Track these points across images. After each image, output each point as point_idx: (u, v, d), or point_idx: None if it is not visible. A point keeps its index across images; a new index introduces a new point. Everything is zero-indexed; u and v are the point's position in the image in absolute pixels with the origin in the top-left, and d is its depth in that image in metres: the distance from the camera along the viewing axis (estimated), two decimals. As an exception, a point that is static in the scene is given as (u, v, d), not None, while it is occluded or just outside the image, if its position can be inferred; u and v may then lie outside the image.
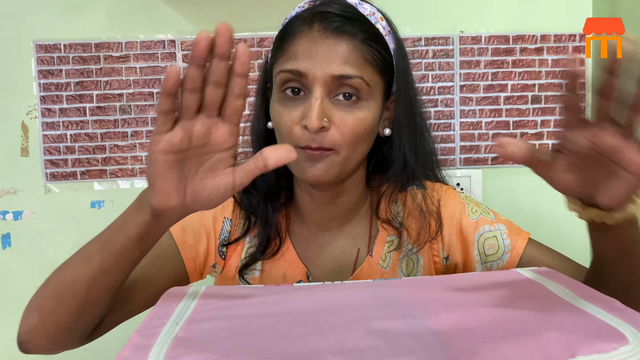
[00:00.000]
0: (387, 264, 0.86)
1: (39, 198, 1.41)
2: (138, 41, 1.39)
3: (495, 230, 0.84)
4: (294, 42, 0.75)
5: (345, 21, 0.75)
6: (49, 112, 1.39)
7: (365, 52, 0.75)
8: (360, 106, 0.76)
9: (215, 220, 0.85)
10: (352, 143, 0.76)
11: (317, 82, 0.73)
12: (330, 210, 0.86)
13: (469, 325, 0.48)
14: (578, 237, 1.49)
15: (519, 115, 1.46)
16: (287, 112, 0.75)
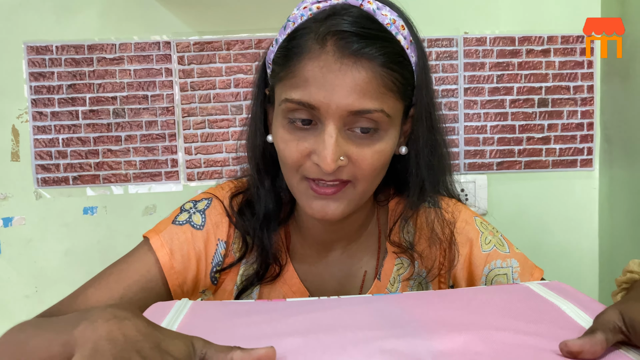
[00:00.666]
0: (396, 289, 0.80)
1: (29, 204, 1.37)
2: (132, 43, 1.35)
3: (507, 267, 0.78)
4: (302, 65, 0.65)
5: (364, 41, 0.64)
6: (40, 115, 1.35)
7: (386, 78, 0.65)
8: (379, 137, 0.67)
9: (208, 243, 0.76)
10: (370, 176, 0.68)
11: (330, 116, 0.64)
12: (336, 231, 0.79)
13: (475, 349, 0.43)
14: (585, 244, 1.46)
15: (525, 119, 1.42)
16: (294, 143, 0.66)
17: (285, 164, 0.69)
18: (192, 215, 0.77)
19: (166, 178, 1.38)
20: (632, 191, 1.30)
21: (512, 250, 0.80)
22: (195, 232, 0.75)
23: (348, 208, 0.69)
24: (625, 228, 1.33)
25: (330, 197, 0.67)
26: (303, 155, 0.66)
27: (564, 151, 1.43)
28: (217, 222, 0.77)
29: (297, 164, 0.67)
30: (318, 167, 0.65)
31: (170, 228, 0.75)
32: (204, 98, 1.37)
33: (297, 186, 0.70)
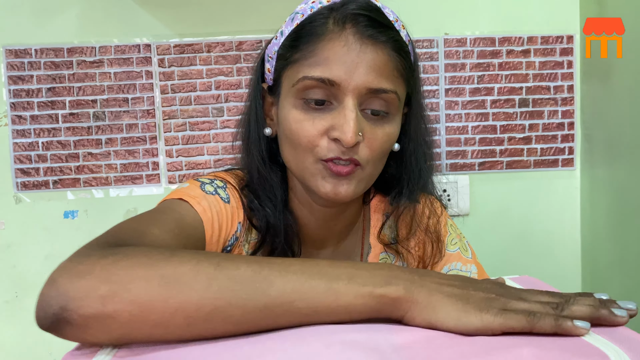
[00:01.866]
0: None
1: (9, 208, 1.36)
2: (112, 45, 1.35)
3: (466, 271, 0.80)
4: (322, 45, 0.67)
5: (379, 27, 0.67)
6: (19, 119, 1.34)
7: (398, 63, 0.68)
8: (388, 120, 0.70)
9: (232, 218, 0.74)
10: (377, 158, 0.70)
11: (350, 92, 0.66)
12: (329, 228, 0.80)
13: (437, 341, 0.43)
14: (568, 243, 1.46)
15: (506, 119, 1.42)
16: (309, 122, 0.67)
17: (299, 145, 0.69)
18: (217, 189, 0.75)
19: (147, 181, 1.37)
20: (612, 190, 1.30)
21: (474, 258, 0.83)
22: (225, 205, 0.74)
23: (358, 189, 0.70)
24: (606, 226, 1.34)
25: (344, 177, 0.68)
26: (319, 133, 0.67)
27: (545, 151, 1.44)
28: (236, 204, 0.76)
29: (313, 143, 0.68)
30: (336, 143, 0.67)
31: (205, 196, 0.72)
32: (185, 100, 1.37)
33: (311, 168, 0.69)
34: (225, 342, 0.45)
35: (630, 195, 1.22)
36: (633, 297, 1.21)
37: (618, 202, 1.28)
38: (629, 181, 1.23)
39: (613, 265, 1.31)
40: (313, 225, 0.79)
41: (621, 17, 1.22)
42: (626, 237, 1.24)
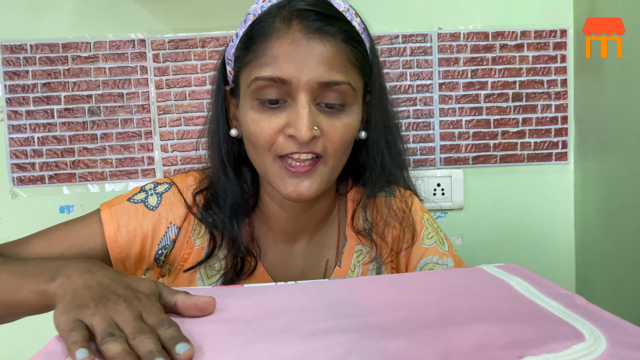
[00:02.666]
0: (357, 274, 0.81)
1: (5, 203, 1.36)
2: (107, 41, 1.35)
3: (442, 264, 0.81)
4: (270, 44, 0.68)
5: (326, 20, 0.68)
6: (15, 114, 1.34)
7: (349, 53, 0.69)
8: (346, 111, 0.70)
9: (158, 224, 0.77)
10: (339, 150, 0.71)
11: (301, 88, 0.67)
12: (301, 221, 0.81)
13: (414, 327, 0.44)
14: (561, 237, 1.47)
15: (500, 113, 1.43)
16: (265, 121, 0.68)
17: (257, 145, 0.70)
18: (149, 196, 0.78)
19: (143, 176, 1.38)
20: (604, 183, 1.31)
21: (450, 251, 0.83)
22: (146, 212, 0.76)
23: (321, 185, 0.71)
24: (599, 219, 1.35)
25: (304, 175, 0.69)
26: (275, 132, 0.68)
27: (538, 145, 1.44)
28: (172, 206, 0.78)
29: (270, 141, 0.69)
30: (292, 140, 0.68)
31: (124, 204, 0.76)
32: (180, 95, 1.37)
33: (271, 167, 0.71)
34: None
35: (622, 188, 1.23)
36: (625, 288, 1.22)
37: (610, 195, 1.29)
38: (620, 174, 1.23)
39: (605, 258, 1.32)
40: (284, 219, 0.80)
41: (615, 11, 1.22)
42: (617, 229, 1.25)
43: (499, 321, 0.43)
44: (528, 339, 0.38)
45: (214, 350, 0.42)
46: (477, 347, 0.38)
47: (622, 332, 0.40)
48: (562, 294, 0.50)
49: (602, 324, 0.42)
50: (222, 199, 0.78)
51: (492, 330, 0.40)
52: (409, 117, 1.41)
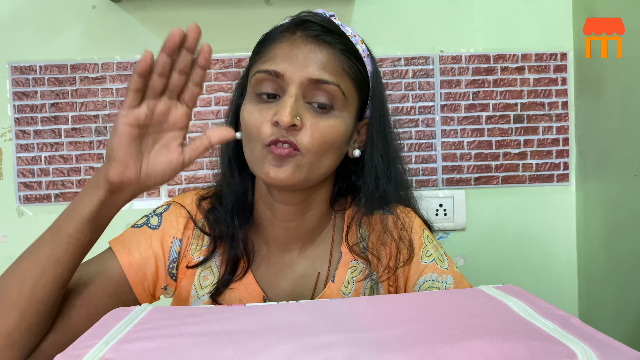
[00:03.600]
0: (350, 290, 0.83)
1: (12, 221, 1.38)
2: (114, 62, 1.38)
3: (441, 282, 0.82)
4: (273, 46, 0.76)
5: (327, 31, 0.75)
6: (23, 134, 1.37)
7: (344, 62, 0.75)
8: (333, 114, 0.75)
9: (163, 241, 0.81)
10: (320, 149, 0.74)
11: (293, 82, 0.72)
12: (292, 229, 0.83)
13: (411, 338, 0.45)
14: (563, 258, 1.47)
15: (502, 134, 1.44)
16: (258, 113, 0.74)
17: (250, 134, 0.74)
18: (150, 218, 0.83)
19: (147, 195, 1.40)
20: (606, 204, 1.32)
21: (450, 268, 0.84)
22: (151, 232, 0.81)
23: (297, 174, 0.74)
24: (601, 240, 1.35)
25: (283, 161, 0.72)
26: (265, 121, 0.73)
27: (540, 166, 1.45)
28: (172, 221, 0.83)
29: (259, 130, 0.73)
30: (276, 127, 0.72)
31: (129, 231, 0.81)
32: (221, 93, 1.40)
33: (259, 155, 0.74)
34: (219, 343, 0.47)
35: (623, 209, 1.23)
36: (628, 309, 1.22)
37: (612, 216, 1.29)
38: (621, 195, 1.24)
39: (608, 279, 1.32)
40: (276, 226, 0.83)
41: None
42: (620, 250, 1.25)
43: (494, 340, 0.43)
44: (521, 357, 0.39)
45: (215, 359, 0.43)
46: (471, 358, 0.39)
47: (614, 353, 0.41)
48: (558, 315, 0.50)
49: (596, 345, 0.42)
50: (226, 197, 0.83)
51: (487, 349, 0.41)
52: (411, 137, 1.43)
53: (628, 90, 1.20)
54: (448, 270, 0.83)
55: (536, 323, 0.48)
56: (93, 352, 0.47)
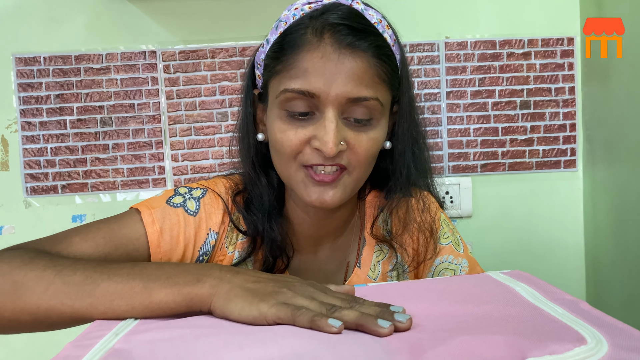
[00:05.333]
0: (377, 275, 0.82)
1: (19, 213, 1.39)
2: (119, 52, 1.38)
3: (457, 264, 0.82)
4: (301, 57, 0.68)
5: (358, 34, 0.68)
6: (29, 125, 1.37)
7: (379, 68, 0.69)
8: (373, 126, 0.71)
9: (199, 230, 0.76)
10: (365, 163, 0.72)
11: (330, 103, 0.67)
12: (324, 226, 0.81)
13: (421, 331, 0.45)
14: (571, 244, 1.46)
15: (508, 121, 1.43)
16: (292, 131, 0.69)
17: (283, 154, 0.71)
18: (186, 200, 0.77)
19: (153, 185, 1.40)
20: (614, 190, 1.31)
21: (465, 252, 0.84)
22: (187, 217, 0.75)
23: (344, 195, 0.72)
24: (609, 226, 1.34)
25: (328, 184, 0.70)
26: (302, 142, 0.69)
27: (547, 152, 1.45)
28: (210, 212, 0.77)
29: (296, 151, 0.70)
30: (318, 152, 0.68)
31: (164, 207, 0.75)
32: (190, 106, 1.39)
33: (295, 175, 0.72)
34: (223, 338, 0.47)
35: (631, 195, 1.23)
36: (636, 294, 1.22)
37: (620, 202, 1.29)
38: (629, 181, 1.23)
39: (615, 265, 1.32)
40: (308, 224, 0.81)
41: (621, 17, 1.23)
42: (628, 236, 1.25)
43: (503, 325, 0.43)
44: (531, 342, 0.39)
45: (225, 347, 0.43)
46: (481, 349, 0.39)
47: (624, 336, 0.41)
48: (567, 300, 0.50)
49: (605, 328, 0.42)
50: (259, 202, 0.79)
51: (497, 334, 0.41)
52: (426, 125, 1.42)
53: (636, 74, 1.19)
54: (463, 254, 0.83)
55: (545, 308, 0.48)
56: (103, 342, 0.47)
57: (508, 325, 0.43)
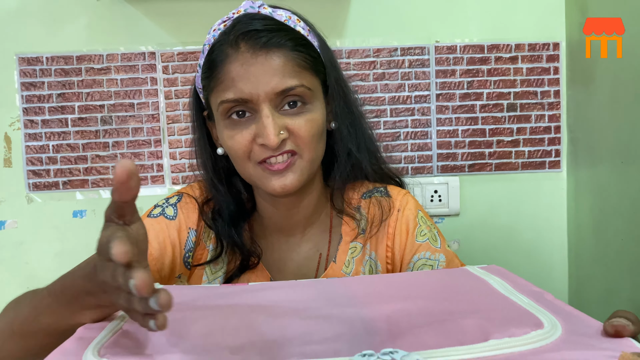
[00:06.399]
0: (350, 270, 0.87)
1: (21, 208, 1.43)
2: (119, 53, 1.42)
3: (434, 260, 0.86)
4: (225, 69, 0.75)
5: (270, 34, 0.75)
6: (31, 123, 1.41)
7: (298, 58, 0.77)
8: (307, 109, 0.78)
9: (180, 231, 0.84)
10: (311, 144, 0.78)
11: (262, 101, 0.74)
12: (293, 216, 0.88)
13: (400, 315, 0.50)
14: (555, 242, 1.52)
15: (495, 123, 1.49)
16: (239, 135, 0.77)
17: (237, 157, 0.78)
18: (165, 208, 0.86)
19: (152, 182, 1.45)
20: (595, 190, 1.36)
21: (443, 247, 0.88)
22: (168, 222, 0.84)
23: (302, 177, 0.79)
24: (590, 224, 1.40)
25: (284, 170, 0.77)
26: (249, 142, 0.76)
27: (532, 153, 1.50)
28: (187, 213, 0.86)
29: (247, 151, 0.77)
30: (264, 147, 0.75)
31: (146, 221, 0.83)
32: (188, 105, 1.43)
33: (254, 172, 0.79)
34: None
35: (612, 194, 1.28)
36: (615, 289, 1.28)
37: (600, 201, 1.34)
38: (610, 182, 1.29)
39: (596, 261, 1.37)
40: (277, 217, 0.88)
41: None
42: (608, 234, 1.30)
43: (474, 312, 0.48)
44: (495, 326, 0.44)
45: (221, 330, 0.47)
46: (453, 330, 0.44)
47: (577, 323, 0.46)
48: (533, 291, 0.55)
49: (563, 316, 0.47)
50: (222, 210, 0.86)
51: (467, 319, 0.46)
52: (407, 126, 1.47)
53: (618, 79, 1.24)
54: (440, 249, 0.87)
55: (512, 298, 0.53)
56: (112, 325, 0.52)
57: (478, 312, 0.48)
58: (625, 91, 1.21)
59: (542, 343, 0.42)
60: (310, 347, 0.43)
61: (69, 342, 0.48)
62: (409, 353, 0.39)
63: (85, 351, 0.45)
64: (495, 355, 0.40)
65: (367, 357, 0.39)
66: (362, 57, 1.45)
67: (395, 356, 0.39)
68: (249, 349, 0.44)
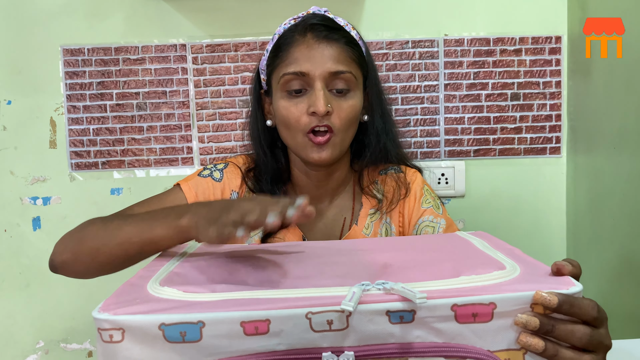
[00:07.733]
0: (370, 232, 1.03)
1: (65, 185, 1.57)
2: (153, 45, 1.55)
3: (436, 223, 1.02)
4: (291, 50, 0.93)
5: (331, 30, 0.94)
6: (74, 109, 1.55)
7: (349, 52, 0.94)
8: (350, 96, 0.95)
9: (224, 192, 1.02)
10: (346, 126, 0.95)
11: (317, 78, 0.91)
12: (323, 186, 1.04)
13: (393, 261, 0.62)
14: (554, 223, 1.63)
15: (499, 111, 1.59)
16: (293, 106, 0.93)
17: (290, 125, 0.94)
18: (212, 172, 1.04)
19: (182, 163, 1.58)
20: (592, 174, 1.46)
21: (444, 214, 1.04)
22: (215, 183, 1.02)
23: (335, 152, 0.95)
24: (587, 207, 1.50)
25: (323, 145, 0.93)
26: (302, 113, 0.93)
27: (534, 140, 1.60)
28: (232, 178, 1.04)
29: (298, 121, 0.93)
30: (314, 116, 0.91)
31: (197, 179, 1.02)
32: (215, 93, 1.57)
33: (301, 141, 0.95)
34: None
35: (607, 179, 1.38)
36: (608, 265, 1.38)
37: (597, 185, 1.44)
38: (605, 167, 1.38)
39: (592, 241, 1.48)
40: (310, 186, 1.04)
41: (603, 20, 1.37)
42: (603, 215, 1.41)
43: (452, 260, 0.61)
44: (466, 267, 0.56)
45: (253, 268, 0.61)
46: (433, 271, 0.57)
47: (535, 267, 0.58)
48: (507, 248, 0.68)
49: (524, 263, 0.59)
50: (264, 173, 1.03)
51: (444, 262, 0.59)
52: (417, 113, 1.59)
53: (614, 72, 1.34)
54: (442, 215, 1.03)
55: (487, 252, 0.65)
56: (165, 268, 0.65)
57: (455, 260, 0.61)
58: (620, 84, 1.30)
59: (502, 280, 0.54)
60: (324, 281, 0.55)
61: (134, 278, 0.62)
62: (396, 283, 0.52)
63: (149, 282, 0.58)
64: (462, 287, 0.52)
65: (364, 286, 0.52)
66: (375, 50, 1.56)
67: (385, 285, 0.52)
68: (276, 280, 0.57)
